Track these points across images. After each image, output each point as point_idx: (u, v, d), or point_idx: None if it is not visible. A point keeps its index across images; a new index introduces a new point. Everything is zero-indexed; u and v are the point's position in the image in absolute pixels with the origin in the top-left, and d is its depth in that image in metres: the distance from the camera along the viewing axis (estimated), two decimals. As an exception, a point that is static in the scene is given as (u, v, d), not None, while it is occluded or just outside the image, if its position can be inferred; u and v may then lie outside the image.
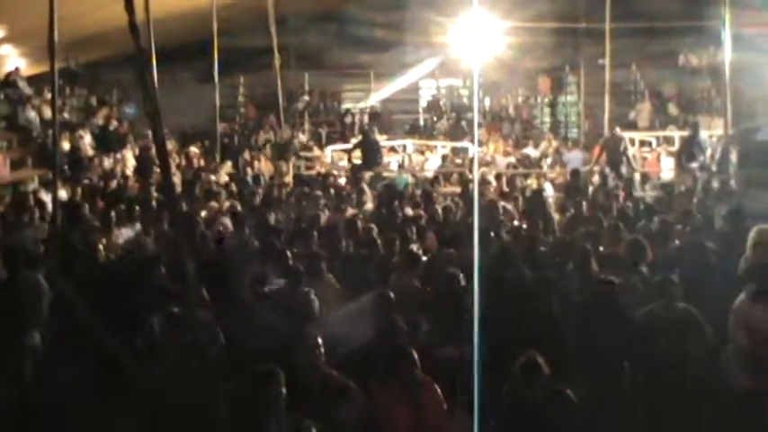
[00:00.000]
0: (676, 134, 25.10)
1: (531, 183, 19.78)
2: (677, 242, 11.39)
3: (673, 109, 30.60)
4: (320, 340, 7.24)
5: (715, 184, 16.69)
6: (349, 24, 28.71)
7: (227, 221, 13.57)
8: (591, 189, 17.42)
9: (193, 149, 24.42)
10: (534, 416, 6.70)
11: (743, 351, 8.20)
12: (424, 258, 10.81)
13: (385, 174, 20.96)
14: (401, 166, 23.25)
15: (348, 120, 31.44)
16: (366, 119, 31.70)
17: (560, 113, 33.05)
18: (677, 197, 15.89)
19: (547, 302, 8.82)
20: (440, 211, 14.12)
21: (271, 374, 6.37)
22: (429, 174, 21.71)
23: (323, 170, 21.98)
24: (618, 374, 8.35)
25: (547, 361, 6.91)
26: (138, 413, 6.74)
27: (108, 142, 23.63)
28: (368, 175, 19.31)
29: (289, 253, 10.41)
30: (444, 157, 25.12)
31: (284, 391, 6.33)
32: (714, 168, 18.10)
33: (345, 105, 33.48)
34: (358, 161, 20.82)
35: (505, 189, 18.02)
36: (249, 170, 21.89)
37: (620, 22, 24.28)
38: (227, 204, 15.46)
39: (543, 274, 9.69)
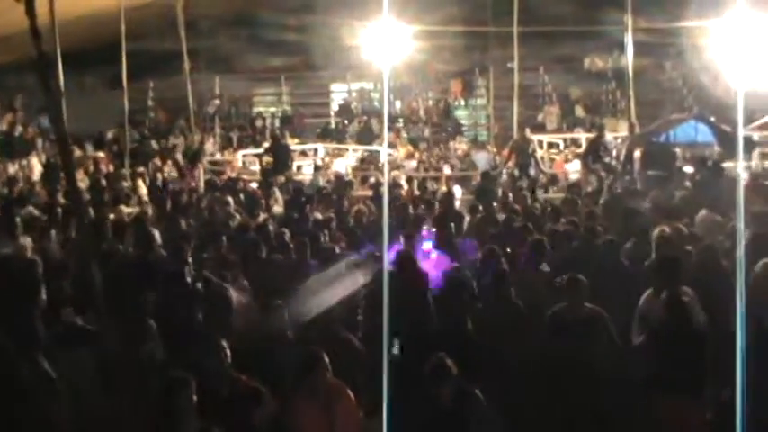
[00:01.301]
0: (583, 136, 25.56)
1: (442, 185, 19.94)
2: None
3: (579, 111, 31.20)
4: (224, 342, 7.19)
5: (619, 185, 17.04)
6: (260, 28, 28.59)
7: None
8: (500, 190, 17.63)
9: (101, 155, 24.06)
10: (444, 416, 6.77)
11: (644, 345, 8.39)
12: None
13: (298, 177, 20.95)
14: (317, 169, 23.23)
15: (259, 124, 31.31)
16: (277, 123, 31.61)
17: (470, 116, 33.37)
18: (584, 198, 16.20)
19: (457, 302, 8.90)
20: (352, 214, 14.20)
21: (181, 380, 6.34)
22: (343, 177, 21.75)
23: (234, 175, 21.87)
24: (524, 374, 8.45)
25: (455, 361, 6.99)
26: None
27: (12, 149, 23.15)
28: (279, 179, 19.29)
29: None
30: (361, 160, 25.21)
31: (195, 397, 6.30)
32: (619, 169, 18.48)
33: (256, 109, 33.33)
34: (269, 165, 20.77)
35: (417, 192, 18.17)
36: (159, 175, 21.68)
37: (528, 26, 24.63)
38: (137, 210, 15.30)
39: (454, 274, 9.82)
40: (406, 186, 18.67)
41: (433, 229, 12.16)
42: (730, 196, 12.90)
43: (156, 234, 12.37)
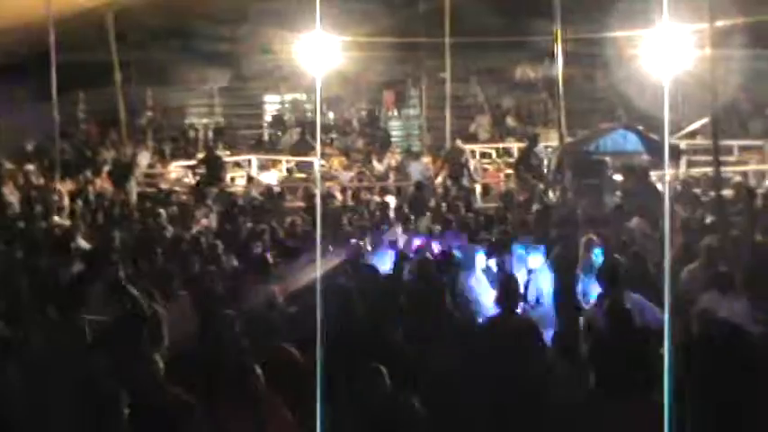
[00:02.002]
0: (515, 146, 25.78)
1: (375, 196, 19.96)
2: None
3: (511, 121, 31.47)
4: (158, 356, 7.13)
5: (551, 194, 17.24)
6: (192, 39, 28.44)
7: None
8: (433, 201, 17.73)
9: (31, 167, 23.67)
10: (376, 425, 6.77)
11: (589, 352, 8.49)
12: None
13: (231, 189, 20.84)
14: (250, 180, 23.11)
15: (192, 135, 31.08)
16: (210, 134, 31.40)
17: (403, 127, 33.47)
18: (516, 207, 16.36)
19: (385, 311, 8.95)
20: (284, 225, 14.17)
21: (112, 395, 6.27)
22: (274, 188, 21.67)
23: (166, 187, 21.68)
24: (458, 382, 8.49)
25: (389, 369, 7.00)
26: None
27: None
28: (213, 190, 19.18)
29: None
30: (289, 171, 25.15)
31: (126, 411, 6.24)
32: (550, 179, 18.68)
33: (189, 121, 33.08)
34: (203, 177, 20.66)
35: (350, 202, 18.19)
36: (91, 188, 21.39)
37: (460, 36, 24.81)
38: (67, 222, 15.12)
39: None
40: (339, 197, 18.69)
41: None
42: (659, 204, 13.19)
43: (85, 245, 12.25)
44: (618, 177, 18.19)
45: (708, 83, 13.25)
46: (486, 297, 9.86)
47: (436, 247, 12.27)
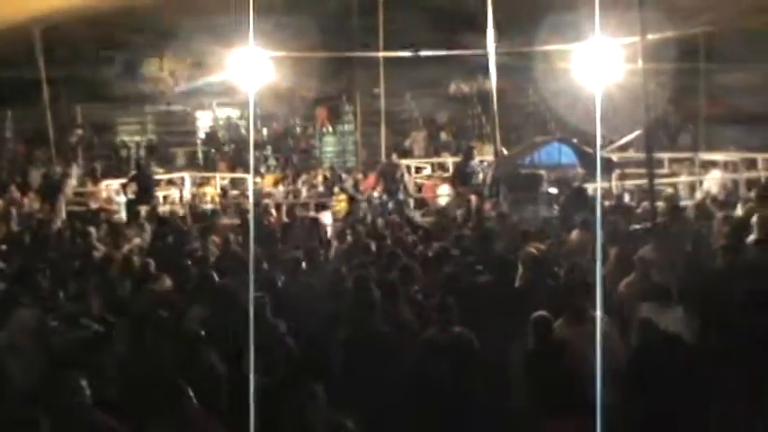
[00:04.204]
0: (450, 160, 25.82)
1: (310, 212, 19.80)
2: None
3: (446, 136, 31.57)
4: (84, 382, 6.93)
5: (487, 208, 17.25)
6: (123, 54, 28.11)
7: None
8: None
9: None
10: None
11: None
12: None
13: (164, 207, 20.57)
14: (181, 200, 22.86)
15: (123, 153, 30.69)
16: (143, 151, 31.03)
17: (338, 142, 33.38)
18: (452, 222, 16.32)
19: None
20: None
21: (32, 423, 6.04)
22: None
23: (97, 205, 21.32)
24: (399, 398, 8.41)
25: (325, 387, 6.90)
26: None
27: None
28: (144, 209, 18.90)
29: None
30: (224, 189, 24.88)
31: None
32: (486, 192, 18.70)
33: (121, 138, 32.65)
34: (133, 195, 20.37)
35: (285, 219, 18.03)
36: (16, 207, 20.94)
37: (394, 51, 24.81)
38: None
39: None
40: (274, 213, 18.53)
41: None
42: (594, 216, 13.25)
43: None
44: (553, 190, 18.27)
45: (639, 96, 13.34)
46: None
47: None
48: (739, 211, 15.34)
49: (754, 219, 12.90)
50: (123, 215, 19.20)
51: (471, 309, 9.22)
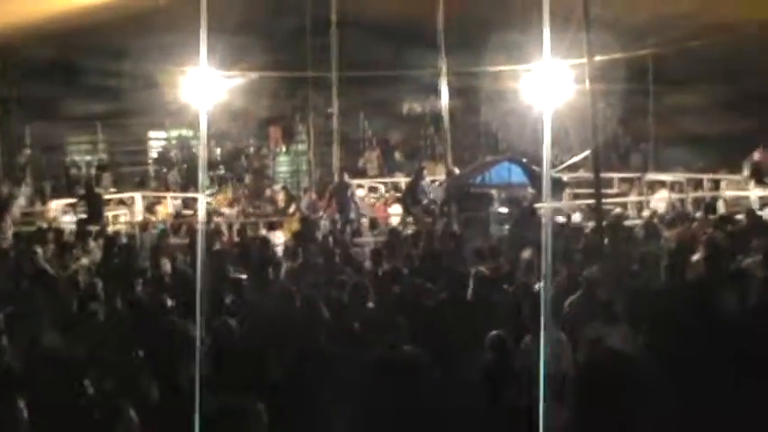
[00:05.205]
0: (403, 180, 25.88)
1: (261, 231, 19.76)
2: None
3: (399, 155, 31.68)
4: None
5: (438, 227, 17.31)
6: (75, 73, 27.86)
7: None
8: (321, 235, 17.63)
9: None
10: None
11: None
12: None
13: (116, 227, 20.43)
14: (132, 219, 22.69)
15: (74, 173, 30.41)
16: (93, 171, 30.77)
17: (291, 162, 33.35)
18: (404, 241, 16.36)
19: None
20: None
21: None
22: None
23: (45, 225, 21.10)
24: (347, 418, 8.39)
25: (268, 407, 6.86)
26: None
27: None
28: (94, 228, 18.75)
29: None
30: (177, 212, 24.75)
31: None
32: (437, 212, 18.78)
33: (71, 158, 32.36)
34: (83, 215, 20.24)
35: (236, 239, 17.99)
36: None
37: (347, 71, 24.88)
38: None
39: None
40: (226, 233, 18.47)
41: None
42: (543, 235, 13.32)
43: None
44: (503, 210, 18.39)
45: (588, 116, 13.51)
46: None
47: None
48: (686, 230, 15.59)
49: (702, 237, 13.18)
50: (72, 235, 18.99)
51: (422, 327, 9.25)
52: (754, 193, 20.74)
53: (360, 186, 23.99)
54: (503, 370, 8.19)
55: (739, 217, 16.40)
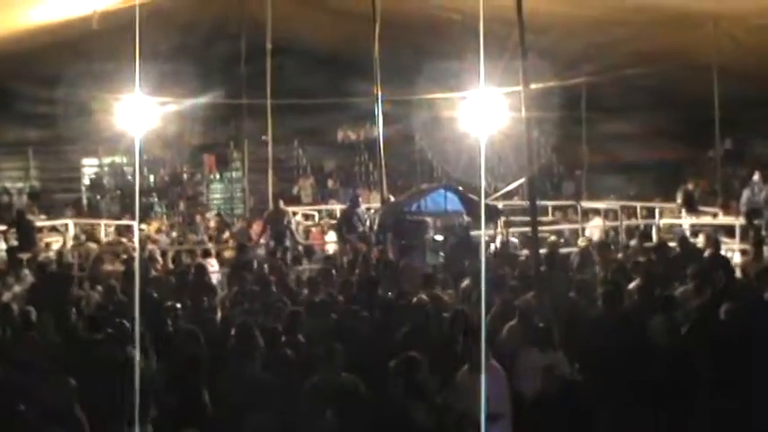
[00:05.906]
0: (338, 207, 25.89)
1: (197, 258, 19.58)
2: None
3: (333, 183, 31.76)
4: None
5: (373, 255, 17.32)
6: (7, 99, 27.50)
7: None
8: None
9: None
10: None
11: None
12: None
13: (47, 255, 20.09)
14: (63, 247, 22.34)
15: (5, 200, 29.94)
16: (25, 198, 30.32)
17: (225, 189, 33.20)
18: (340, 268, 16.36)
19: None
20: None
21: None
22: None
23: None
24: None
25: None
26: None
27: None
28: (25, 256, 18.45)
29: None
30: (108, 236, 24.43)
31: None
32: (373, 239, 18.78)
33: (2, 184, 31.84)
34: (14, 242, 19.92)
35: (171, 266, 17.84)
36: None
37: (281, 98, 24.87)
38: None
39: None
40: (160, 260, 18.30)
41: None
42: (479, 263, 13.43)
43: None
44: (439, 237, 18.45)
45: (523, 144, 13.64)
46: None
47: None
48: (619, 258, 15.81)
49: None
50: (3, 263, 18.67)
51: (357, 355, 9.26)
52: (687, 221, 21.08)
53: (294, 213, 23.92)
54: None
55: (672, 244, 16.65)
